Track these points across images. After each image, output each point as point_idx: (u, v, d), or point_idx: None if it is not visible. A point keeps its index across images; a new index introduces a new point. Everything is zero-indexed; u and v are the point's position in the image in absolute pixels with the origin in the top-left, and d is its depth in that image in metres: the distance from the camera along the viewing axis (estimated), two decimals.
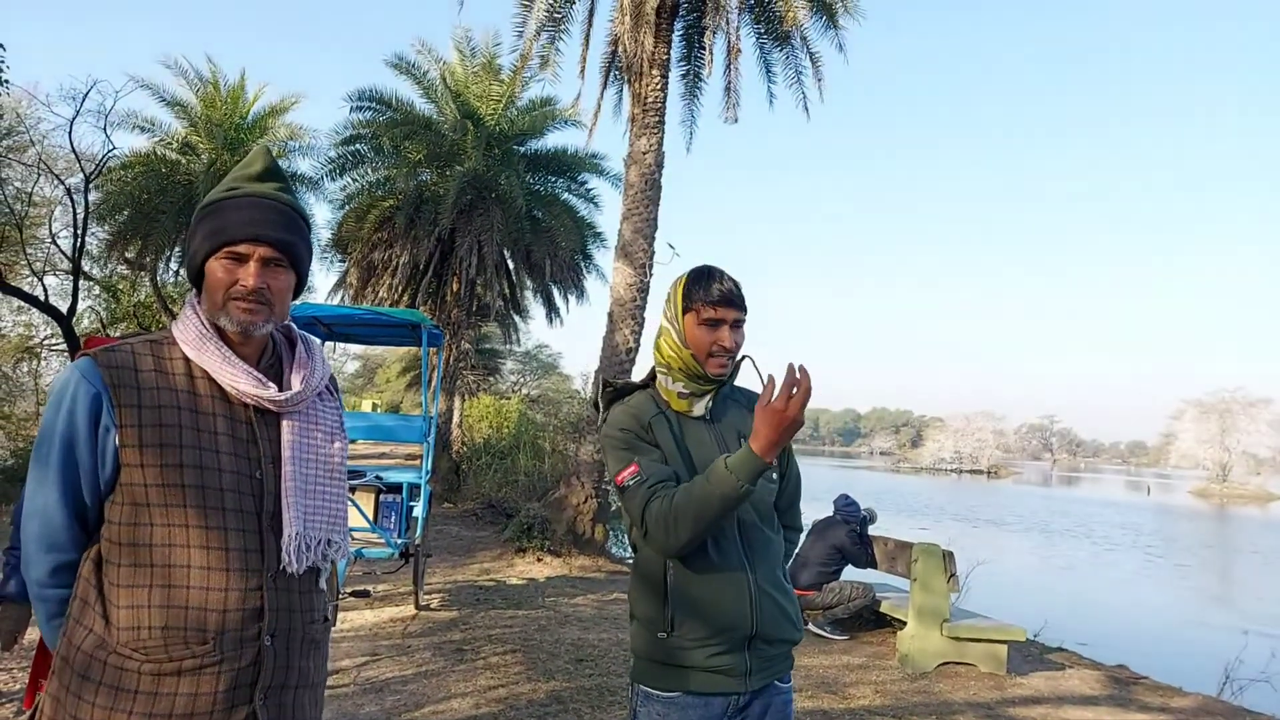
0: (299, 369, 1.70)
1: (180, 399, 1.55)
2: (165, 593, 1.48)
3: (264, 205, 1.61)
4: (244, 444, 1.59)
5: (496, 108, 17.90)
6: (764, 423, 1.78)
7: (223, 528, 1.52)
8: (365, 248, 17.61)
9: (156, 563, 1.49)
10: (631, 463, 2.05)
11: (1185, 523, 34.45)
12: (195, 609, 1.49)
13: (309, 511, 1.63)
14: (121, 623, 1.48)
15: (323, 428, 1.71)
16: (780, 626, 2.02)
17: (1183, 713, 5.70)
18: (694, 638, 1.99)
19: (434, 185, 17.63)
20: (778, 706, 2.07)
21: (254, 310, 1.58)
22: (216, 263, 1.59)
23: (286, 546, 1.58)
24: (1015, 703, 5.60)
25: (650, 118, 10.44)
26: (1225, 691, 7.46)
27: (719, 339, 2.05)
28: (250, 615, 1.53)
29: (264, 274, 1.59)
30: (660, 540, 1.96)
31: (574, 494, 10.21)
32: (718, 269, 2.11)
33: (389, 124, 17.41)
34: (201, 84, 20.37)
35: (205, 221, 1.61)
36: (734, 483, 1.81)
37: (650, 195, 10.33)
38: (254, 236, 1.58)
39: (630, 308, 10.25)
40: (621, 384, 2.24)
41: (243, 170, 1.67)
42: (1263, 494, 59.21)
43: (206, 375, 1.59)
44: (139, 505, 1.50)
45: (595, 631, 6.64)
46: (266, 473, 1.60)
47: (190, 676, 1.47)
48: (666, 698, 2.03)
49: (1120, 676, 6.78)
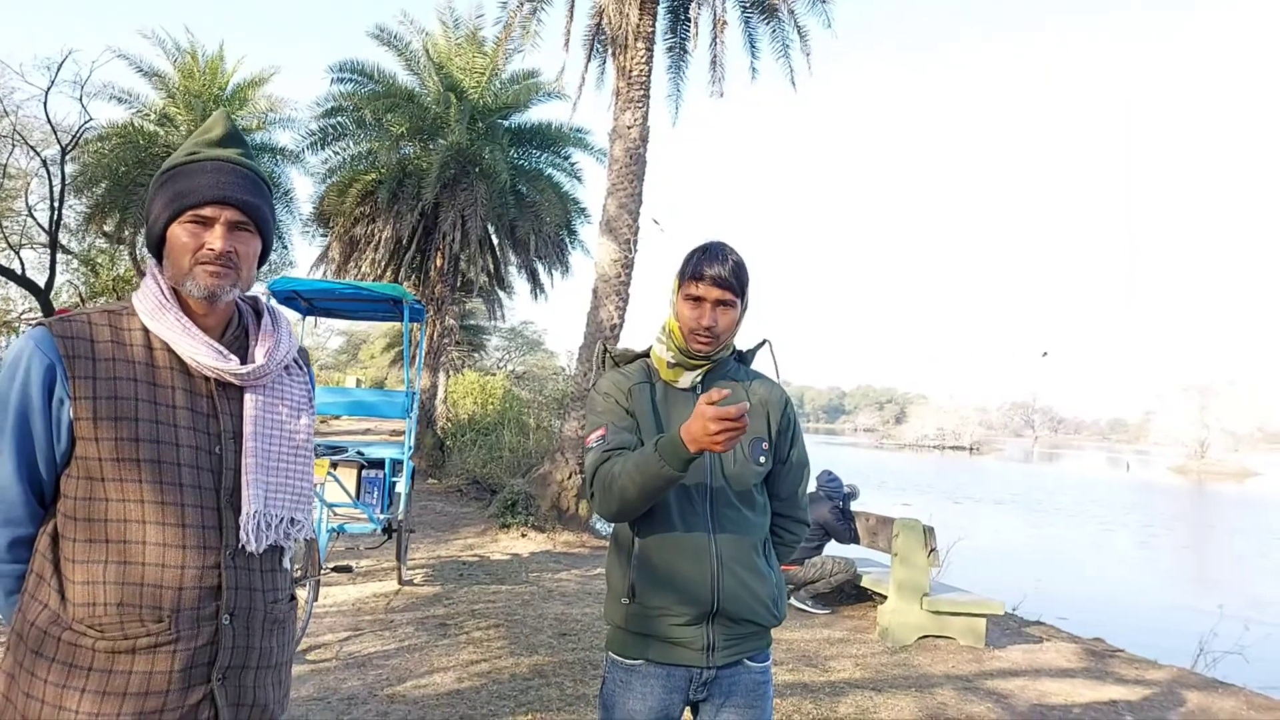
0: (263, 341, 1.66)
1: (137, 371, 1.51)
2: (121, 569, 1.45)
3: (227, 169, 1.57)
4: (204, 418, 1.55)
5: (480, 80, 17.70)
6: (693, 424, 1.73)
7: (179, 504, 1.48)
8: (348, 222, 17.44)
9: (112, 538, 1.45)
10: (600, 427, 2.07)
11: (1167, 499, 34.87)
12: (151, 586, 1.45)
13: (271, 489, 1.59)
14: (77, 599, 1.44)
15: (288, 402, 1.67)
16: (747, 607, 2.00)
17: (1157, 685, 5.77)
18: (654, 606, 2.00)
19: (417, 159, 17.44)
20: (748, 686, 2.06)
21: (221, 274, 1.54)
22: (180, 228, 1.54)
23: (245, 525, 1.54)
24: (993, 675, 5.65)
25: (635, 91, 10.33)
26: (1199, 664, 7.57)
27: (699, 317, 2.03)
28: (207, 594, 1.50)
29: (230, 237, 1.55)
30: (599, 504, 2.00)
31: (558, 470, 10.20)
32: (719, 246, 2.07)
33: (371, 96, 17.19)
34: (180, 54, 20.03)
35: (166, 187, 1.56)
36: (658, 464, 1.80)
37: (635, 170, 10.24)
38: (220, 199, 1.53)
39: (615, 283, 10.19)
40: (622, 351, 2.23)
41: (202, 136, 1.61)
42: (1240, 470, 59.95)
43: (166, 347, 1.55)
44: (94, 479, 1.46)
45: (578, 606, 6.65)
46: (227, 448, 1.56)
47: (145, 655, 1.44)
48: (629, 665, 2.04)
49: (1096, 649, 6.86)
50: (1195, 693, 5.59)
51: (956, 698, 5.05)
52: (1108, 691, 5.47)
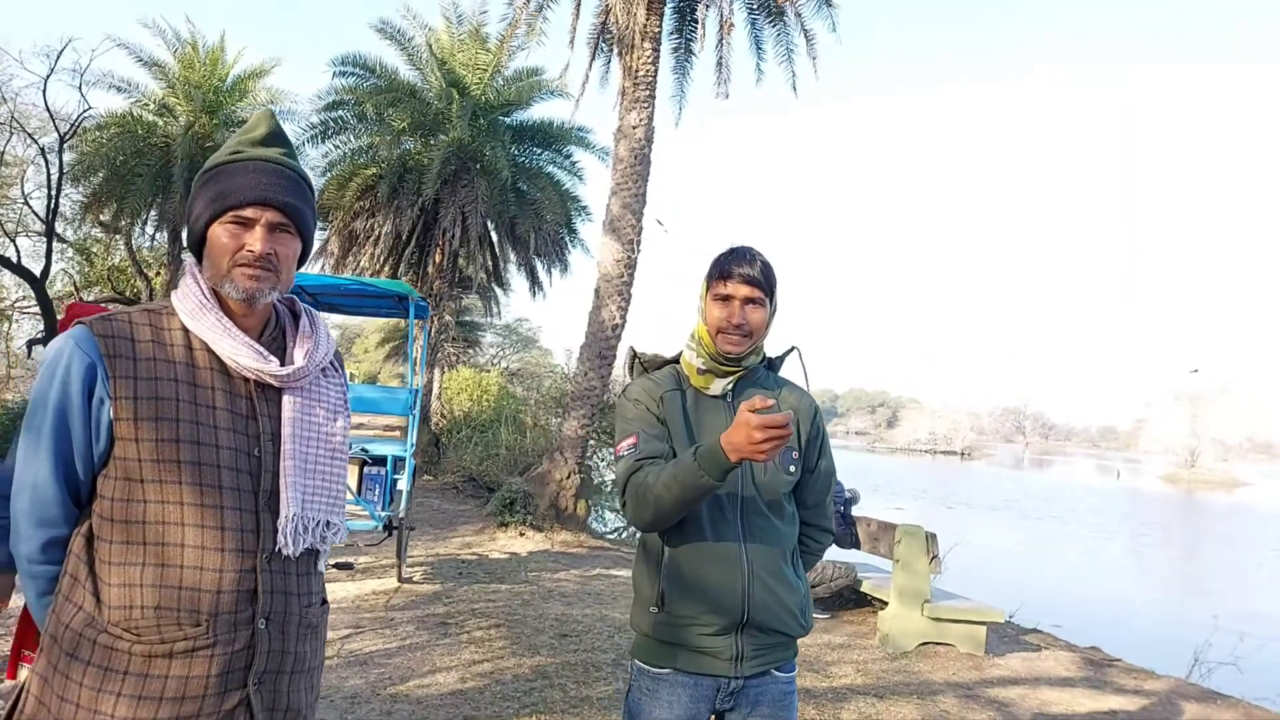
0: (302, 343, 1.65)
1: (178, 371, 1.50)
2: (158, 572, 1.43)
3: (270, 169, 1.55)
4: (243, 420, 1.53)
5: (482, 77, 17.66)
6: (735, 432, 1.71)
7: (218, 506, 1.47)
8: (347, 216, 17.39)
9: (150, 540, 1.44)
10: (631, 435, 2.05)
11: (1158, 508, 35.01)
12: (189, 589, 1.44)
13: (308, 492, 1.58)
14: (113, 601, 1.42)
15: (325, 405, 1.65)
16: (776, 616, 1.99)
17: (1155, 695, 5.78)
18: (683, 616, 1.99)
19: (418, 154, 17.40)
20: (775, 696, 2.05)
21: (260, 277, 1.53)
22: (221, 228, 1.53)
23: (283, 528, 1.53)
24: (994, 683, 5.66)
25: (641, 91, 10.31)
26: (1194, 674, 7.60)
27: (728, 315, 2.03)
28: (244, 597, 1.48)
29: (271, 239, 1.53)
30: (631, 513, 1.99)
31: (557, 469, 10.18)
32: (745, 248, 2.09)
33: (373, 90, 17.14)
34: (180, 44, 19.93)
35: (208, 186, 1.55)
36: (697, 474, 1.79)
37: (639, 170, 10.23)
38: (261, 200, 1.52)
39: (617, 284, 10.18)
40: (651, 356, 2.22)
41: (246, 134, 1.60)
42: (1229, 480, 60.28)
43: (206, 347, 1.53)
44: (132, 480, 1.45)
45: (579, 607, 6.64)
46: (265, 450, 1.54)
47: (182, 659, 1.43)
48: (657, 673, 2.03)
49: (1094, 659, 6.88)
50: (1194, 704, 5.60)
51: (958, 705, 5.06)
52: (1107, 701, 5.48)
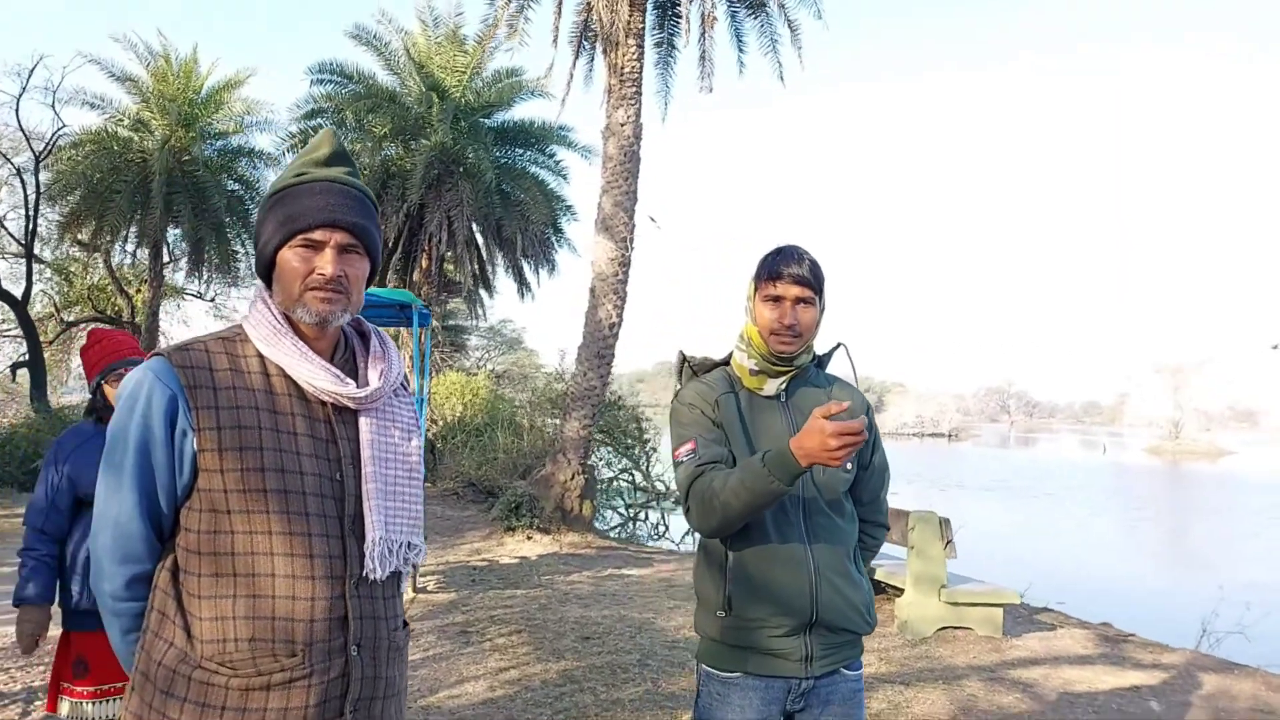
0: (374, 363, 1.63)
1: (258, 399, 1.48)
2: (250, 603, 1.41)
3: (336, 190, 1.53)
4: (324, 444, 1.51)
5: (462, 79, 17.58)
6: (809, 437, 1.71)
7: (306, 533, 1.45)
8: None
9: (239, 572, 1.42)
10: (689, 440, 2.04)
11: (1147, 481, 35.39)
12: (282, 619, 1.42)
13: (390, 514, 1.56)
14: (205, 635, 1.40)
15: (400, 425, 1.63)
16: (843, 615, 2.00)
17: (1174, 668, 5.84)
18: (752, 619, 1.98)
19: (400, 160, 17.30)
20: (845, 694, 2.05)
21: (332, 299, 1.51)
22: (290, 252, 1.50)
23: (370, 551, 1.51)
24: (1015, 665, 5.69)
25: (627, 89, 10.29)
26: (1203, 645, 7.69)
27: (778, 316, 2.02)
28: (336, 624, 1.46)
29: (340, 261, 1.51)
30: (696, 520, 1.98)
31: (560, 471, 10.16)
32: (793, 247, 2.08)
33: (352, 97, 17.03)
34: (152, 58, 19.69)
35: (275, 210, 1.53)
36: (767, 479, 1.78)
37: (629, 168, 10.21)
38: (330, 222, 1.50)
39: (612, 282, 10.16)
40: (700, 359, 2.21)
41: (309, 155, 1.58)
42: (1213, 450, 60.97)
43: (282, 372, 1.51)
44: (218, 512, 1.42)
45: (596, 609, 6.63)
46: (347, 474, 1.52)
47: (280, 690, 1.40)
48: (726, 677, 2.03)
49: (1108, 634, 6.94)
50: (1212, 675, 5.66)
51: (985, 689, 5.08)
52: (1128, 677, 5.53)
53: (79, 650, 2.87)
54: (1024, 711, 4.77)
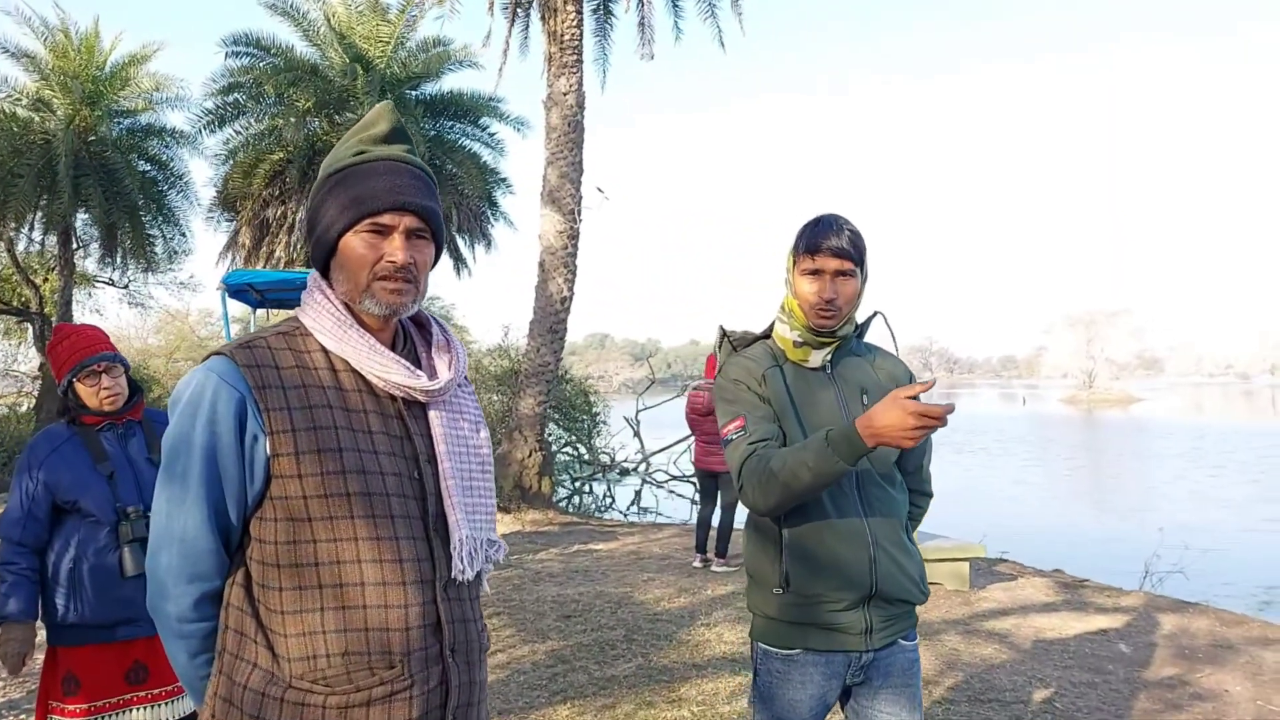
0: (440, 354, 1.53)
1: (329, 397, 1.37)
2: (340, 615, 1.31)
3: (402, 170, 1.41)
4: (399, 441, 1.41)
5: (386, 50, 16.99)
6: (885, 416, 1.67)
7: (393, 537, 1.35)
8: (257, 205, 16.57)
9: (325, 583, 1.32)
10: (738, 416, 2.00)
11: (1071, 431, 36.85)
12: (377, 630, 1.32)
13: (471, 511, 1.47)
14: (293, 653, 1.30)
15: (468, 417, 1.54)
16: (901, 586, 1.98)
17: (1133, 610, 6.08)
18: (811, 594, 1.95)
19: (326, 135, 16.67)
20: (903, 665, 2.05)
21: (403, 290, 1.40)
22: (356, 238, 1.39)
23: (458, 551, 1.43)
24: (987, 616, 5.86)
25: (568, 56, 10.07)
26: (1146, 584, 8.07)
27: (818, 290, 1.98)
28: (431, 631, 1.38)
29: (410, 247, 1.40)
30: (752, 498, 1.93)
31: (518, 449, 10.03)
32: (832, 216, 2.03)
33: (271, 70, 16.28)
34: (49, 32, 18.51)
35: (337, 191, 1.40)
36: (831, 459, 1.75)
37: (574, 138, 10.02)
38: (399, 205, 1.38)
39: (562, 255, 10.00)
40: (741, 334, 2.16)
41: (366, 131, 1.45)
42: (1125, 397, 63.93)
43: (348, 368, 1.40)
44: (297, 520, 1.32)
45: (571, 586, 6.58)
46: (426, 472, 1.43)
47: (381, 705, 1.31)
48: (786, 655, 2.00)
49: (1065, 581, 7.20)
50: (1170, 615, 5.91)
51: (963, 642, 5.21)
52: (1094, 622, 5.75)
53: (68, 666, 2.70)
54: (1006, 660, 4.90)
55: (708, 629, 5.44)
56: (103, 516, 2.67)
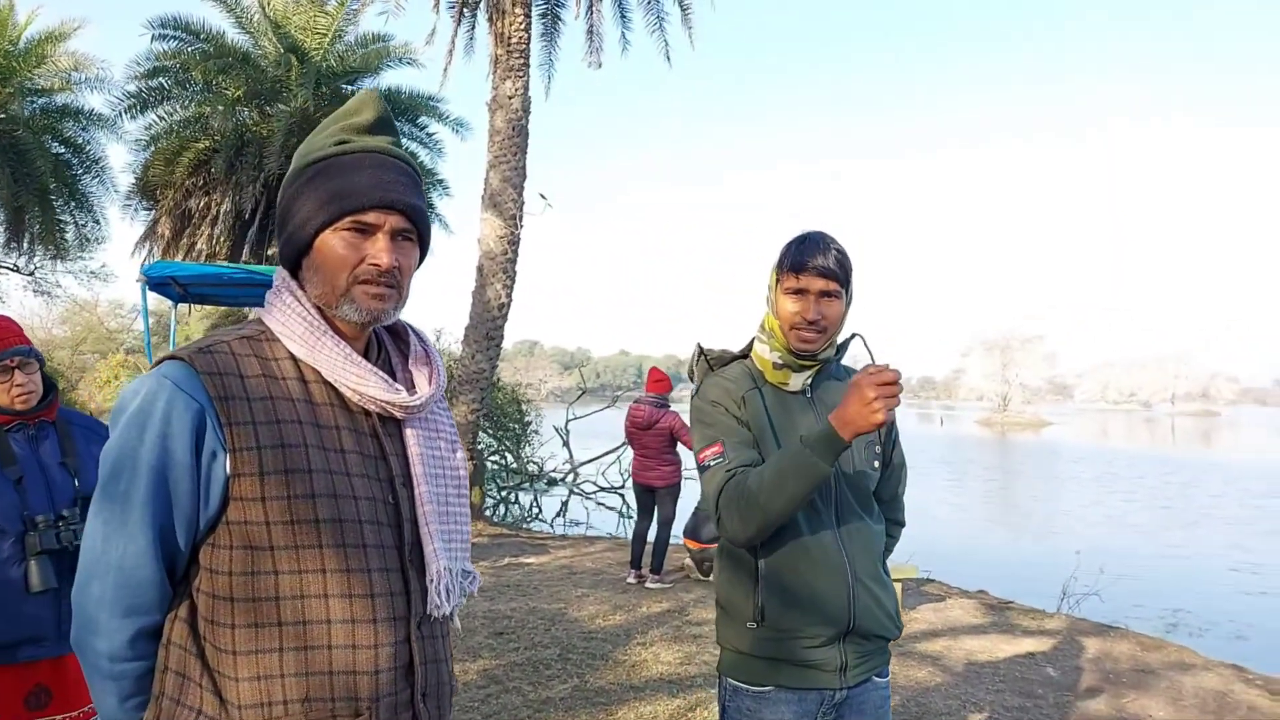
0: (419, 366, 1.40)
1: (298, 410, 1.23)
2: (301, 657, 1.17)
3: (388, 164, 1.29)
4: (373, 461, 1.29)
5: (323, 42, 16.53)
6: (848, 402, 1.66)
7: (365, 569, 1.22)
8: (179, 194, 15.88)
9: (287, 620, 1.18)
10: (716, 441, 1.91)
11: (988, 453, 37.96)
12: (342, 673, 1.19)
13: (447, 538, 1.35)
14: (244, 699, 1.16)
15: (444, 435, 1.42)
16: (878, 621, 1.93)
17: (1058, 633, 6.21)
18: (786, 629, 1.88)
19: (257, 125, 16.11)
20: (875, 702, 1.99)
21: (385, 295, 1.28)
22: (335, 236, 1.26)
23: (435, 585, 1.30)
24: (919, 638, 5.90)
25: (515, 59, 9.92)
26: (1063, 607, 8.27)
27: (801, 310, 1.91)
28: (402, 674, 1.25)
29: (394, 249, 1.28)
30: (730, 527, 1.85)
31: None
32: (818, 235, 1.96)
33: (200, 56, 15.67)
34: None
35: (315, 184, 1.27)
36: (810, 461, 1.69)
37: (518, 142, 9.86)
38: (386, 203, 1.26)
39: (501, 261, 9.81)
40: (719, 353, 2.07)
41: (349, 120, 1.32)
42: (1037, 421, 66.27)
43: (319, 378, 1.27)
44: (257, 549, 1.18)
45: (503, 601, 6.41)
46: (401, 496, 1.30)
47: None
48: (757, 692, 1.92)
49: (990, 603, 7.33)
50: (1092, 639, 6.05)
51: (898, 664, 5.22)
52: (1022, 644, 5.84)
53: None
54: (940, 684, 4.93)
55: (644, 648, 5.35)
56: (7, 525, 2.43)
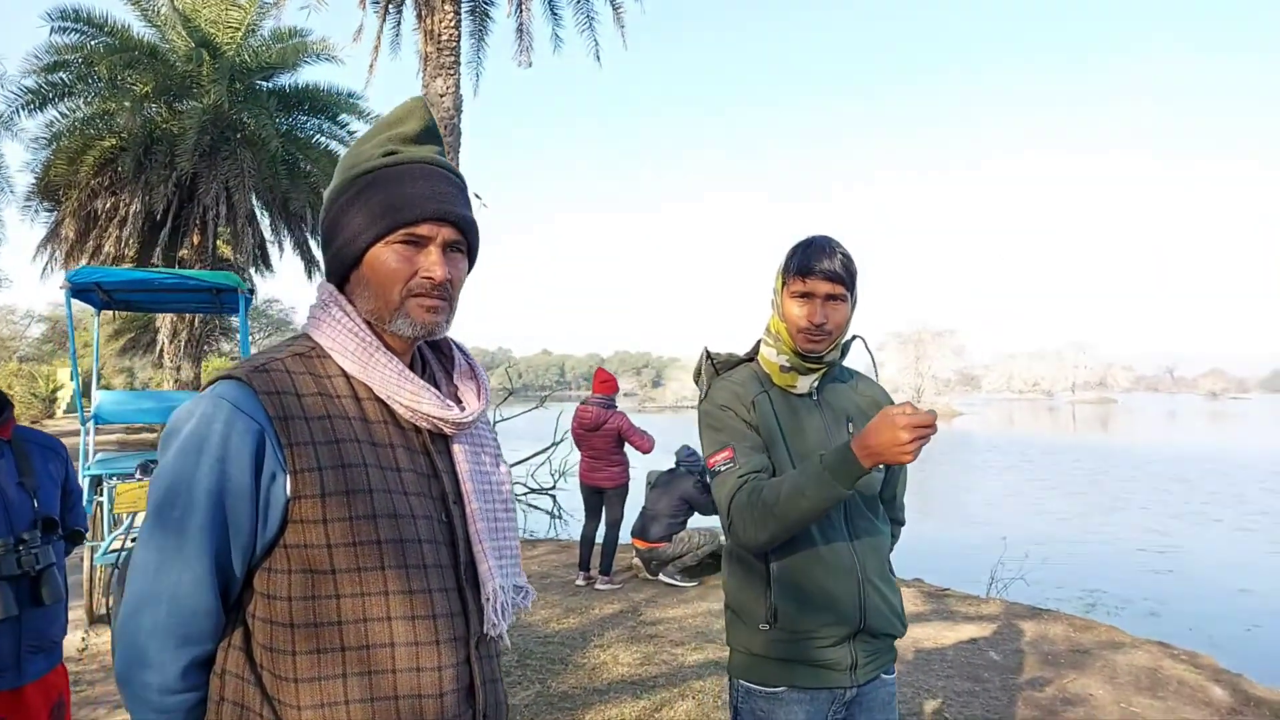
0: (465, 380, 1.38)
1: (355, 429, 1.20)
2: (366, 682, 1.15)
3: (438, 175, 1.27)
4: (426, 480, 1.26)
5: (236, 36, 15.99)
6: (880, 434, 1.61)
7: (426, 589, 1.20)
8: (84, 195, 15.14)
9: (350, 645, 1.14)
10: (726, 447, 1.93)
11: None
12: (408, 698, 1.17)
13: (499, 556, 1.33)
14: None
15: (489, 450, 1.40)
16: (887, 620, 1.98)
17: (996, 618, 6.44)
18: (799, 630, 1.91)
19: (167, 123, 15.48)
20: (884, 699, 2.04)
21: (439, 309, 1.26)
22: (387, 249, 1.23)
23: (491, 603, 1.28)
24: None
25: (445, 57, 9.75)
26: (993, 591, 8.58)
27: (807, 314, 1.94)
28: (464, 695, 1.23)
29: (447, 262, 1.25)
30: (743, 534, 1.87)
31: None
32: (824, 239, 1.99)
33: (104, 50, 14.98)
34: None
35: (366, 196, 1.23)
36: (829, 484, 1.71)
37: (450, 141, 9.69)
38: (439, 215, 1.23)
39: None
40: (725, 356, 2.08)
41: (395, 129, 1.29)
42: (949, 411, 68.57)
43: (372, 395, 1.24)
44: (317, 573, 1.14)
45: None
46: (454, 514, 1.28)
47: None
48: (770, 693, 1.95)
49: (929, 590, 7.55)
50: (1028, 622, 6.30)
51: None
52: (964, 631, 6.04)
53: None
54: None
55: (602, 650, 5.34)
56: None
